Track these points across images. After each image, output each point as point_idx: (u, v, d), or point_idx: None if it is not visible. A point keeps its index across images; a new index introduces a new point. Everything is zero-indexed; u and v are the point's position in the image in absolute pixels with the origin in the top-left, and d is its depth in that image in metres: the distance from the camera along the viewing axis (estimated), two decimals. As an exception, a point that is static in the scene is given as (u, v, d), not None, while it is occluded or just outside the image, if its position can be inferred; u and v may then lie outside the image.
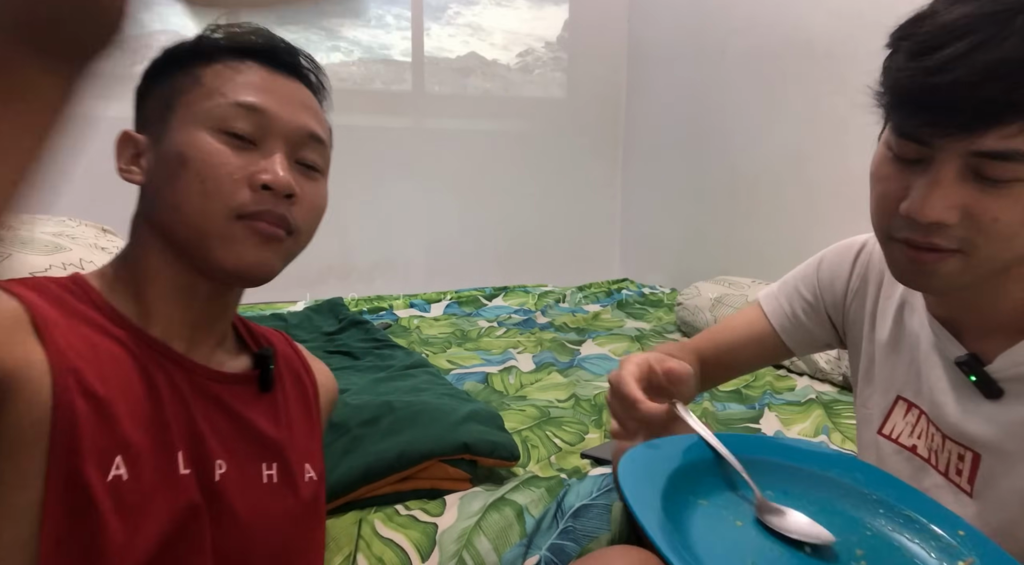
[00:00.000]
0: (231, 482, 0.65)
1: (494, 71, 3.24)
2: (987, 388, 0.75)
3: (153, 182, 0.65)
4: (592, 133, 3.36)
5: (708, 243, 2.88)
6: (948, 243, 0.66)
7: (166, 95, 0.67)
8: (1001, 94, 0.59)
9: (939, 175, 0.64)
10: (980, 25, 0.60)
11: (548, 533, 1.06)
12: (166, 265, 0.65)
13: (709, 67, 2.76)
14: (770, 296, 1.02)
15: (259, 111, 0.65)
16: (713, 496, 0.67)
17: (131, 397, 0.59)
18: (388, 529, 1.03)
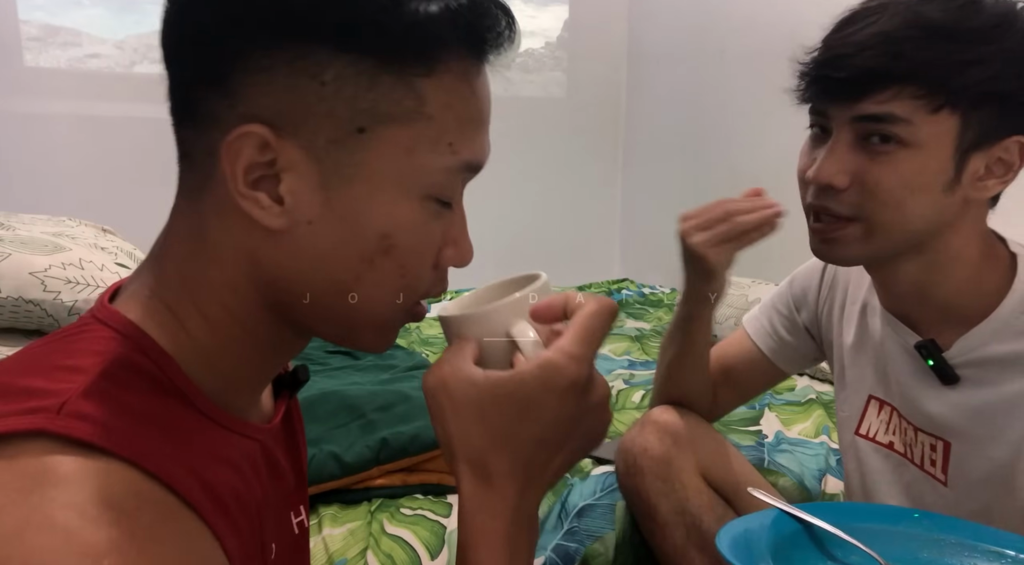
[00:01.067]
0: (279, 561, 0.54)
1: (494, 71, 3.24)
2: (943, 374, 0.78)
3: (310, 242, 0.44)
4: (592, 133, 3.35)
5: (708, 243, 2.88)
6: (841, 208, 0.73)
7: (355, 103, 0.42)
8: (873, 62, 0.68)
9: (835, 144, 0.73)
10: (869, 14, 0.70)
11: (553, 533, 1.06)
12: (265, 326, 0.47)
13: (709, 67, 2.76)
14: (752, 318, 1.07)
15: (478, 169, 0.48)
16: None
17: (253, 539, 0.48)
18: (396, 527, 1.03)
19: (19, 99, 2.31)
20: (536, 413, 0.45)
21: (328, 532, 1.01)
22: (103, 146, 2.35)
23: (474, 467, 0.46)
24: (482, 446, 0.46)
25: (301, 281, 0.45)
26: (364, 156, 0.43)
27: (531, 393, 0.45)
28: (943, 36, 0.67)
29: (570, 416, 0.46)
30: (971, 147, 0.70)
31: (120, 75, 2.54)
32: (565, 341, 0.45)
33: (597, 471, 1.22)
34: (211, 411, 0.46)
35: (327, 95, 0.42)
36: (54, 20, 2.46)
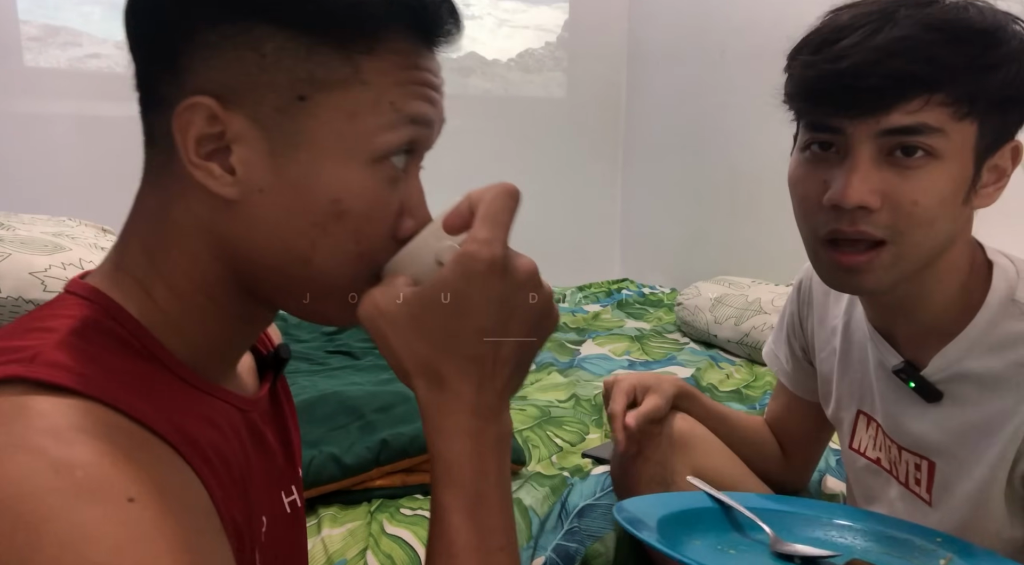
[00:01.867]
0: (270, 538, 0.55)
1: (494, 71, 3.24)
2: (926, 393, 0.76)
3: (263, 211, 0.46)
4: (592, 133, 3.35)
5: (708, 243, 2.88)
6: (875, 230, 0.66)
7: (294, 72, 0.44)
8: (900, 69, 0.62)
9: (856, 160, 0.65)
10: (869, 19, 0.64)
11: (553, 533, 1.06)
12: (231, 297, 0.49)
13: (709, 67, 2.76)
14: (769, 353, 1.07)
15: (427, 125, 0.49)
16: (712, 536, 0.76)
17: (239, 498, 0.49)
18: (396, 527, 1.03)
19: (19, 99, 2.31)
20: (466, 305, 0.45)
21: (327, 532, 1.01)
22: (103, 146, 2.35)
23: (426, 376, 0.47)
24: (427, 354, 0.46)
25: (259, 250, 0.47)
26: (308, 123, 0.45)
27: (455, 288, 0.45)
28: (964, 39, 0.63)
29: (499, 297, 0.45)
30: (986, 153, 0.67)
31: (120, 75, 2.53)
32: (473, 230, 0.46)
33: (597, 471, 1.23)
34: (186, 374, 0.48)
35: (267, 66, 0.44)
36: (54, 20, 2.46)
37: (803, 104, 0.68)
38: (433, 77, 0.49)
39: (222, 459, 0.47)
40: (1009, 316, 0.71)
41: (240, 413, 0.53)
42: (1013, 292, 0.72)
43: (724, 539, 0.76)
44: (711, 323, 2.13)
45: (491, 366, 0.47)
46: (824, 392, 0.97)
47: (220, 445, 0.47)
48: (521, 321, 0.47)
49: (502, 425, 0.49)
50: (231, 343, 0.53)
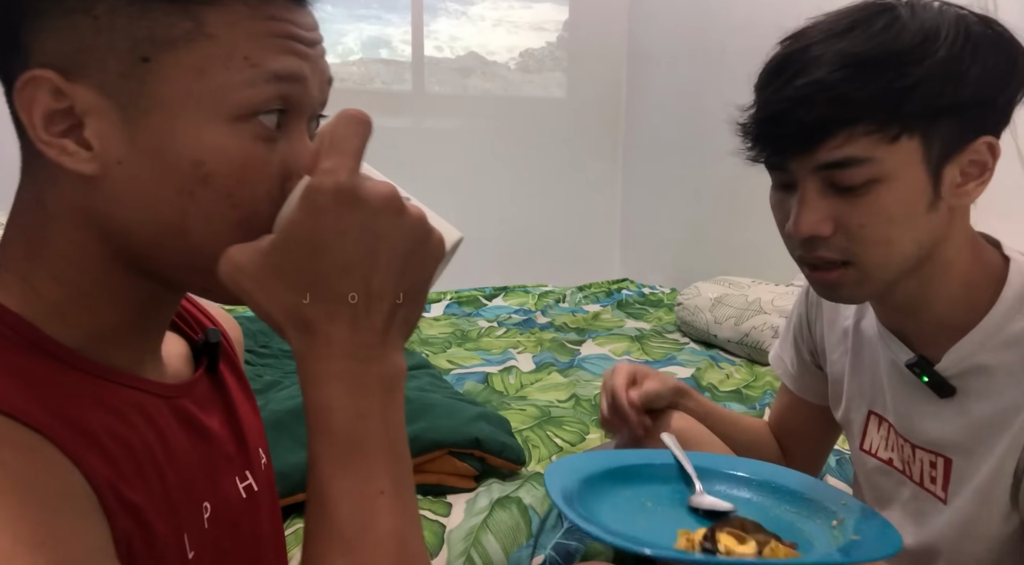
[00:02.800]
0: (216, 523, 0.54)
1: (494, 71, 3.24)
2: (940, 388, 0.76)
3: (127, 184, 0.44)
4: (592, 133, 3.36)
5: (708, 243, 2.88)
6: (832, 254, 0.70)
7: (132, 32, 0.42)
8: (814, 114, 0.66)
9: (803, 194, 0.70)
10: (790, 62, 0.69)
11: (553, 532, 1.07)
12: (119, 278, 0.47)
13: (709, 67, 2.76)
14: (775, 358, 1.07)
15: (297, 81, 0.46)
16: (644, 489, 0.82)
17: (147, 484, 0.47)
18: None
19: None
20: (319, 242, 0.41)
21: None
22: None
23: (296, 325, 0.43)
24: (293, 301, 0.42)
25: (132, 226, 0.45)
26: (156, 85, 0.43)
27: (306, 226, 0.41)
28: (875, 67, 0.65)
29: (355, 228, 0.41)
30: (942, 160, 0.68)
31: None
32: (318, 163, 0.42)
33: (597, 471, 1.23)
34: (78, 362, 0.46)
35: (102, 29, 0.42)
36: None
37: (746, 146, 0.73)
38: (297, 28, 0.46)
39: (123, 445, 0.46)
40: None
41: (162, 400, 0.51)
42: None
43: (652, 493, 0.81)
44: (711, 323, 2.13)
45: (364, 303, 0.42)
46: (834, 394, 0.96)
47: (121, 431, 0.46)
48: (390, 250, 0.42)
49: (387, 365, 0.44)
50: (135, 328, 0.50)
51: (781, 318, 1.94)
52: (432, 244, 0.45)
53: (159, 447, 0.49)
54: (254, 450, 0.62)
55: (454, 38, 3.14)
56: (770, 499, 0.81)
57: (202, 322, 0.64)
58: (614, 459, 0.88)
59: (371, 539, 0.42)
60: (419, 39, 3.02)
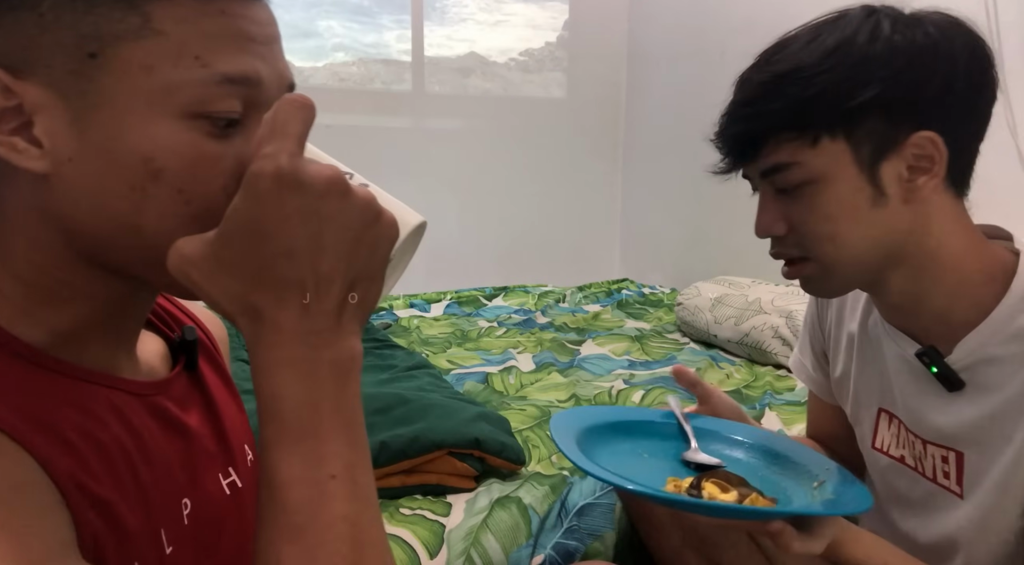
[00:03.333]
0: (197, 519, 0.54)
1: (494, 71, 3.24)
2: (948, 381, 0.78)
3: (79, 181, 0.44)
4: (592, 133, 3.35)
5: (708, 243, 2.88)
6: (789, 251, 0.78)
7: (78, 28, 0.42)
8: (740, 129, 0.76)
9: (762, 198, 0.80)
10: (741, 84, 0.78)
11: (553, 532, 1.07)
12: (83, 276, 0.48)
13: (709, 67, 2.76)
14: (796, 363, 1.08)
15: (253, 84, 0.46)
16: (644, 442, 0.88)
17: (117, 480, 0.47)
18: (395, 526, 1.03)
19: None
20: (262, 228, 0.41)
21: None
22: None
23: (245, 313, 0.42)
24: (240, 290, 0.42)
25: (87, 223, 0.45)
26: (104, 81, 0.42)
27: (248, 213, 0.41)
28: (787, 82, 0.72)
29: (298, 212, 0.41)
30: (875, 158, 0.72)
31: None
32: (259, 146, 0.42)
33: (597, 471, 1.23)
34: (45, 361, 0.46)
35: (48, 25, 0.42)
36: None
37: (718, 163, 0.82)
38: (250, 24, 0.45)
39: (92, 441, 0.46)
40: None
41: (136, 398, 0.51)
42: None
43: (650, 446, 0.88)
44: (711, 323, 2.13)
45: (313, 288, 0.42)
46: (840, 392, 0.96)
47: (90, 428, 0.46)
48: (336, 233, 0.42)
49: (341, 350, 0.44)
50: (106, 327, 0.50)
51: (781, 318, 1.94)
52: (383, 226, 0.44)
53: (132, 444, 0.49)
54: (238, 447, 0.62)
55: (454, 38, 3.14)
56: (759, 460, 0.87)
57: (181, 320, 0.64)
58: (619, 414, 0.97)
59: (322, 524, 0.41)
60: (419, 39, 3.02)
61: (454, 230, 3.12)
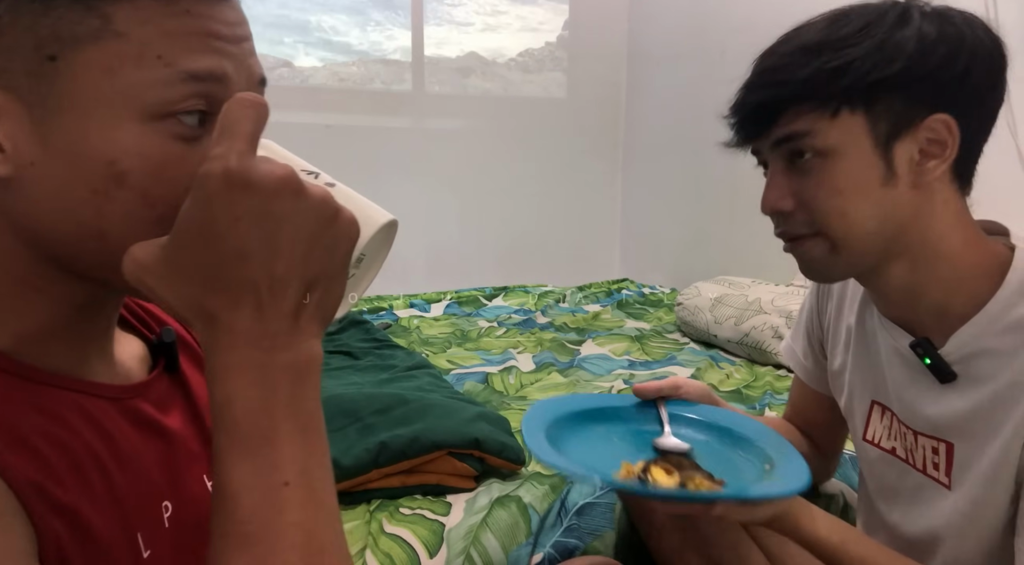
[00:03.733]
0: (179, 522, 0.54)
1: (494, 71, 3.24)
2: (941, 372, 0.78)
3: (42, 185, 0.43)
4: (592, 133, 3.36)
5: (708, 243, 2.88)
6: (796, 228, 0.78)
7: (36, 31, 0.42)
8: (763, 95, 0.76)
9: (771, 172, 0.79)
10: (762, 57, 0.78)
11: (553, 531, 1.07)
12: (49, 281, 0.47)
13: (709, 67, 2.76)
14: (787, 348, 1.09)
15: (218, 80, 0.45)
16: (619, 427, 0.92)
17: (85, 485, 0.46)
18: (395, 526, 1.03)
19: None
20: (213, 230, 0.40)
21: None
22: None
23: (200, 317, 0.42)
24: (194, 294, 0.41)
25: (49, 227, 0.44)
26: (64, 85, 0.42)
27: (198, 215, 0.40)
28: (814, 52, 0.73)
29: (250, 213, 0.39)
30: (890, 137, 0.73)
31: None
32: (210, 148, 0.41)
33: (597, 470, 1.23)
34: (6, 364, 0.45)
35: (4, 27, 0.41)
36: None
37: (730, 138, 0.82)
38: (217, 24, 0.44)
39: (56, 446, 0.45)
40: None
41: (108, 401, 0.50)
42: None
43: (624, 431, 0.91)
44: (711, 323, 2.13)
45: (267, 290, 0.41)
46: (836, 385, 0.97)
47: (54, 433, 0.45)
48: (291, 233, 0.40)
49: (298, 352, 0.42)
50: (74, 330, 0.49)
51: (781, 318, 1.94)
52: (341, 225, 0.42)
53: (104, 448, 0.48)
54: None
55: (454, 38, 3.14)
56: (724, 443, 0.90)
57: (162, 320, 0.62)
58: (599, 401, 1.01)
59: (273, 531, 0.40)
60: (419, 39, 3.02)
61: (454, 230, 3.12)
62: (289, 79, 2.83)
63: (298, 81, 2.85)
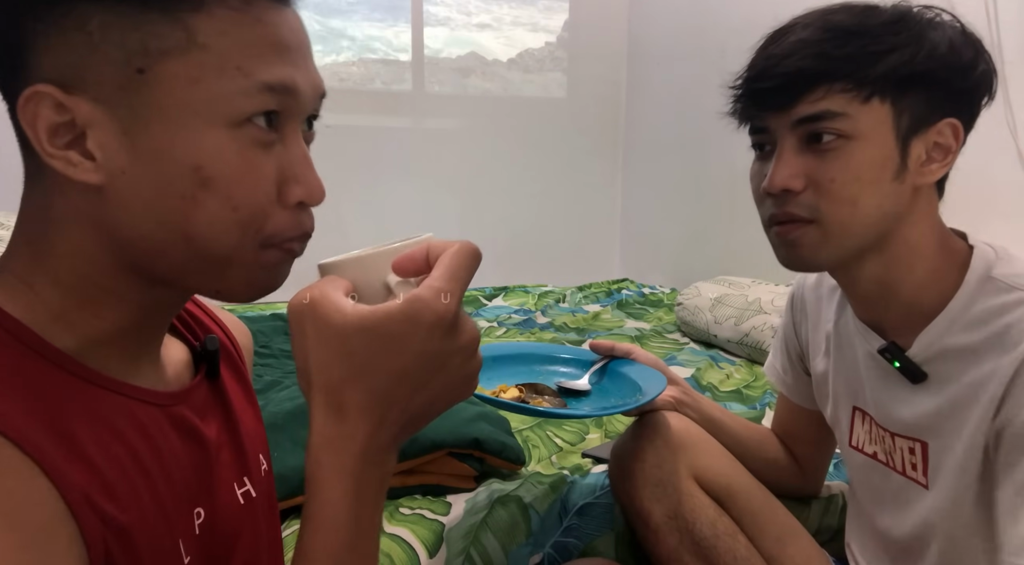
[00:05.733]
0: (210, 530, 0.55)
1: (494, 71, 3.24)
2: (911, 373, 0.79)
3: (132, 192, 0.45)
4: (592, 133, 3.36)
5: (708, 243, 2.88)
6: (801, 211, 0.75)
7: (125, 45, 0.44)
8: (798, 65, 0.73)
9: (780, 151, 0.76)
10: (785, 31, 0.77)
11: (552, 531, 1.07)
12: (127, 286, 0.48)
13: (709, 67, 2.76)
14: (769, 367, 1.11)
15: (289, 91, 0.47)
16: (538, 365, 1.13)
17: (134, 495, 0.47)
18: (395, 526, 1.03)
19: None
20: (399, 345, 0.44)
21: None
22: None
23: (329, 397, 0.45)
24: (341, 376, 0.44)
25: (138, 232, 0.46)
26: (152, 95, 0.44)
27: (397, 327, 0.44)
28: (855, 34, 0.72)
29: (435, 352, 0.45)
30: (909, 132, 0.74)
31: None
32: (431, 278, 0.45)
33: (597, 469, 1.23)
34: (75, 369, 0.47)
35: (96, 44, 0.44)
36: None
37: (735, 111, 0.80)
38: (285, 31, 0.47)
39: (109, 455, 0.46)
40: (986, 293, 0.74)
41: (156, 408, 0.52)
42: (990, 270, 0.75)
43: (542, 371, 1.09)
44: (711, 323, 2.13)
45: (397, 410, 0.46)
46: (821, 395, 0.98)
47: (107, 441, 0.46)
48: (445, 381, 0.46)
49: (385, 468, 0.48)
50: (133, 333, 0.51)
51: (781, 318, 1.94)
52: (470, 388, 0.49)
53: (150, 456, 0.49)
54: (253, 457, 0.62)
55: (454, 38, 3.14)
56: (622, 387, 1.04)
57: (207, 327, 0.64)
58: (552, 350, 1.18)
59: None
60: (419, 39, 3.02)
61: (454, 230, 3.12)
62: (289, 79, 2.83)
63: (298, 81, 2.85)
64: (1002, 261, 0.76)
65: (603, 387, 1.06)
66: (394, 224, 3.00)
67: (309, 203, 0.50)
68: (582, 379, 1.07)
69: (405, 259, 0.48)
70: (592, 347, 1.10)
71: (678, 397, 1.05)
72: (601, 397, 1.04)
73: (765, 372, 1.12)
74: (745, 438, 1.08)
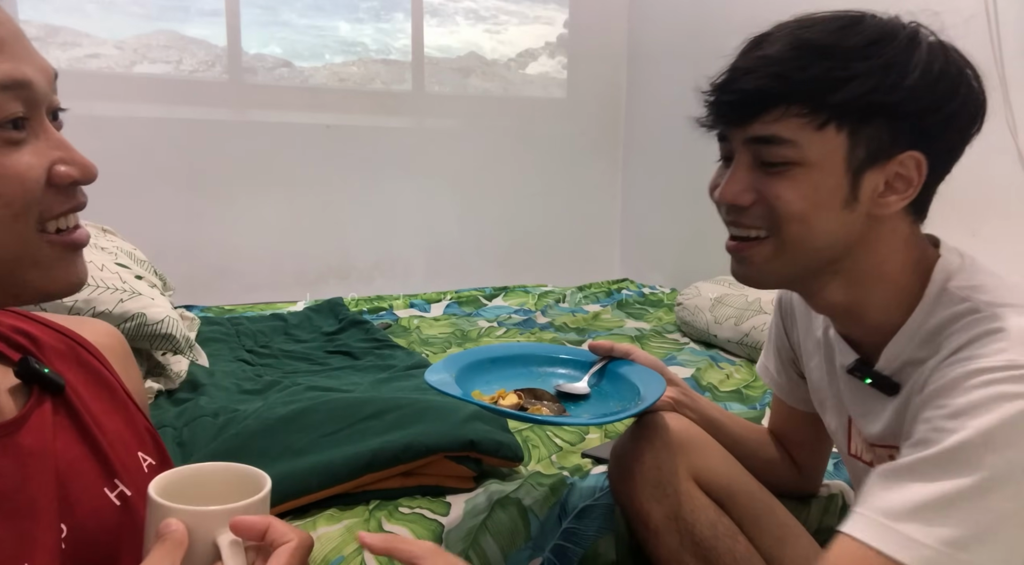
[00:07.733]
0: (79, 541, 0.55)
1: (494, 71, 3.24)
2: (885, 387, 0.79)
3: None
4: (592, 133, 3.35)
5: (708, 243, 2.87)
6: (751, 222, 0.76)
7: None
8: (756, 84, 0.72)
9: (736, 165, 0.76)
10: (763, 39, 0.75)
11: (552, 534, 1.06)
12: None
13: (709, 67, 2.76)
14: (761, 368, 1.11)
15: (25, 86, 0.48)
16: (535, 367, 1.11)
17: None
18: (394, 525, 1.02)
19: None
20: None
21: (324, 530, 1.01)
22: (103, 146, 2.35)
23: None
24: None
25: None
26: None
27: None
28: (821, 55, 0.70)
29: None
30: (863, 165, 0.71)
31: (120, 75, 2.54)
32: None
33: (597, 470, 1.22)
34: None
35: None
36: (54, 20, 2.46)
37: (702, 116, 0.79)
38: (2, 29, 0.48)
39: None
40: (941, 305, 0.74)
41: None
42: (948, 282, 0.75)
43: (540, 374, 1.08)
44: (711, 323, 2.13)
45: None
46: (818, 401, 0.98)
47: None
48: None
49: None
50: None
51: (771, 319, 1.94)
52: None
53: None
54: (126, 457, 0.62)
55: (454, 38, 3.14)
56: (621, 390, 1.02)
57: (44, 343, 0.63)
58: (548, 350, 1.17)
59: None
60: (419, 39, 3.02)
61: (454, 230, 3.12)
62: (289, 79, 2.83)
63: (298, 81, 2.85)
64: (963, 272, 0.75)
65: (602, 389, 1.06)
66: (395, 224, 3.00)
67: (84, 181, 0.52)
68: (581, 382, 1.06)
69: (245, 525, 0.50)
70: (591, 348, 1.09)
71: (677, 398, 1.04)
72: (600, 400, 1.04)
73: (758, 373, 1.12)
74: (744, 438, 1.07)
